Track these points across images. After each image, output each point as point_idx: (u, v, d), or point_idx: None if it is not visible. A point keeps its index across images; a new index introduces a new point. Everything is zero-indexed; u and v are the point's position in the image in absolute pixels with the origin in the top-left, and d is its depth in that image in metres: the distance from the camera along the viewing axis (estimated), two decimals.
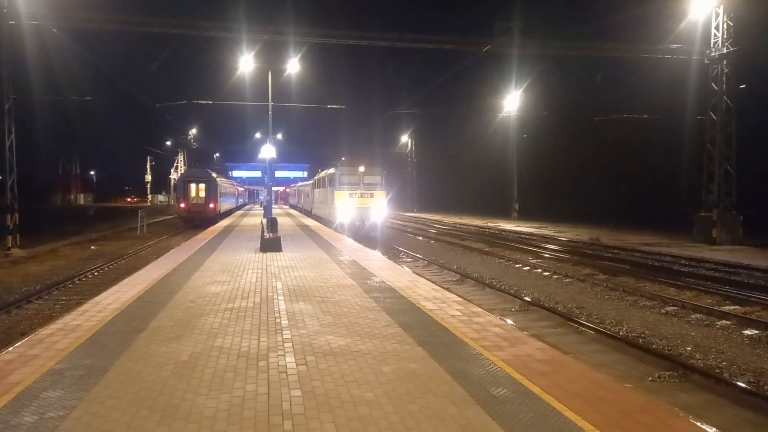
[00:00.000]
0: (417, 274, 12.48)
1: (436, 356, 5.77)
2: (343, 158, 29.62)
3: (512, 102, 44.73)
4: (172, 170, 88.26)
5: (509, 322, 7.88)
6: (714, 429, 4.19)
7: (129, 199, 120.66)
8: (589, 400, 4.57)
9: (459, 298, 8.92)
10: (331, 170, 29.69)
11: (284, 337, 6.54)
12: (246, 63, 23.93)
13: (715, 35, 25.02)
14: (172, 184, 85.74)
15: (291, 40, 25.04)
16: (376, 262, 13.69)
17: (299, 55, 24.67)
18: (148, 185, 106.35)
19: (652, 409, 4.45)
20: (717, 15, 24.77)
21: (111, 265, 19.22)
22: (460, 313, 7.76)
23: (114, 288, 9.90)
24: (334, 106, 34.69)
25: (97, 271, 17.65)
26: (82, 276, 16.50)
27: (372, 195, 27.32)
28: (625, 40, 28.89)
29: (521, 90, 43.81)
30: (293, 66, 24.49)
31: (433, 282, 11.05)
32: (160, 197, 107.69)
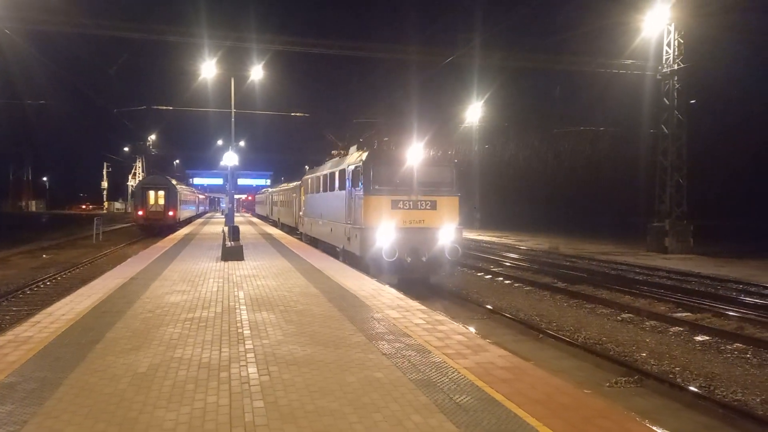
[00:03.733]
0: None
1: (400, 365, 5.78)
2: (380, 139, 15.85)
3: (474, 112, 45.42)
4: (130, 177, 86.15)
5: (472, 330, 7.97)
6: None
7: (84, 207, 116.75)
8: (549, 406, 4.66)
9: (423, 307, 8.97)
10: (351, 158, 16.31)
11: (246, 347, 6.44)
12: (208, 69, 23.62)
13: (666, 52, 26.03)
14: (129, 191, 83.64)
15: (254, 47, 24.87)
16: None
17: (263, 62, 24.52)
18: (105, 192, 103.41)
19: (610, 413, 4.57)
20: (669, 32, 25.80)
21: (65, 274, 18.56)
22: (423, 322, 7.81)
23: (68, 298, 9.57)
24: (298, 114, 34.50)
25: (50, 281, 17.01)
26: (33, 286, 15.88)
27: (435, 204, 14.45)
28: (584, 53, 29.76)
29: (483, 101, 44.54)
30: (257, 73, 24.31)
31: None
32: (117, 204, 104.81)
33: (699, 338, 10.27)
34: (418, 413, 4.51)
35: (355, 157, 15.76)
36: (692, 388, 7.58)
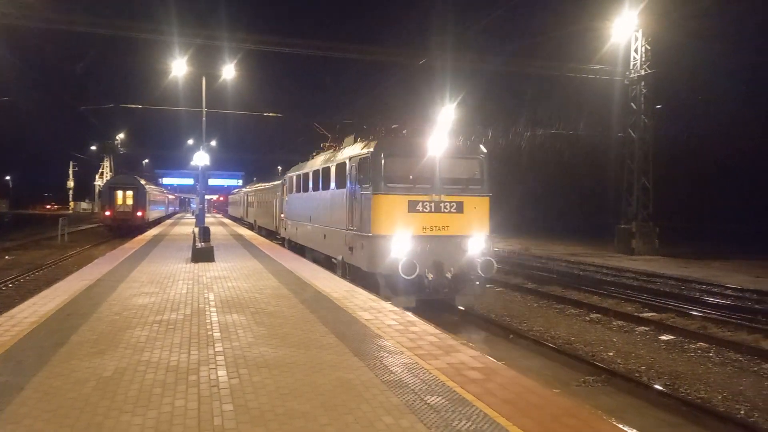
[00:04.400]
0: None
1: (372, 366, 5.78)
2: (390, 125, 13.70)
3: (447, 115, 45.68)
4: (98, 176, 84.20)
5: (444, 330, 8.00)
6: (635, 430, 4.41)
7: (49, 207, 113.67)
8: (519, 406, 4.72)
9: (395, 308, 8.98)
10: (352, 149, 13.70)
11: (216, 349, 6.36)
12: (178, 67, 23.25)
13: (634, 58, 26.64)
14: (97, 191, 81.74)
15: (226, 46, 24.56)
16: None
17: (235, 61, 24.24)
18: (71, 192, 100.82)
19: (577, 412, 4.65)
20: (636, 39, 26.41)
21: (28, 275, 18.04)
22: (396, 323, 7.82)
23: (31, 300, 9.30)
24: (270, 114, 34.20)
25: (12, 283, 16.51)
26: None
27: (461, 207, 11.96)
28: (555, 58, 30.23)
29: (455, 103, 44.83)
30: (229, 72, 24.03)
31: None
32: (84, 205, 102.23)
33: (664, 337, 10.53)
34: (390, 414, 4.51)
35: (358, 148, 12.97)
36: (657, 387, 7.75)
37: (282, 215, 23.54)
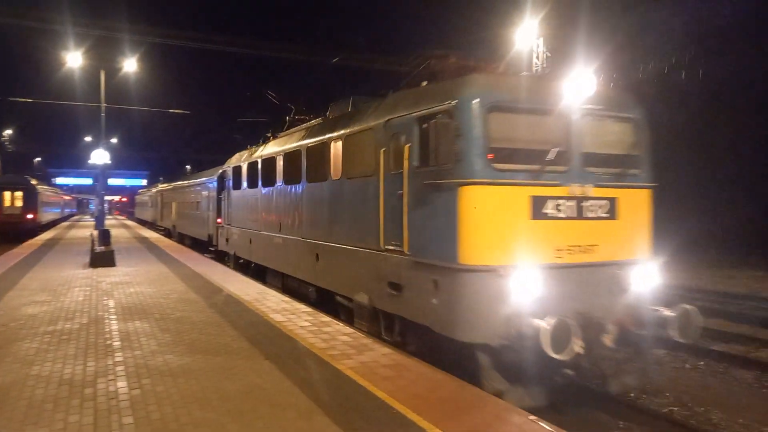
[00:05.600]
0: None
1: (284, 369, 5.67)
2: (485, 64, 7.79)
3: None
4: None
5: (358, 329, 8.01)
6: (544, 422, 4.61)
7: None
8: (429, 400, 4.81)
9: (309, 309, 8.88)
10: (404, 99, 7.37)
11: (116, 359, 5.98)
12: (74, 59, 21.70)
13: (536, 64, 28.07)
14: None
15: (127, 38, 23.26)
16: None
17: (137, 55, 22.97)
18: None
19: (485, 403, 4.81)
20: (538, 46, 27.87)
21: None
22: (309, 324, 7.73)
23: None
24: (177, 111, 32.70)
25: None
26: None
27: (613, 207, 6.42)
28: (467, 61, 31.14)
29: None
30: (130, 65, 22.74)
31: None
32: None
33: None
34: (302, 417, 4.44)
35: (415, 100, 6.98)
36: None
37: (221, 220, 17.34)
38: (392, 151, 7.09)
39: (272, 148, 12.62)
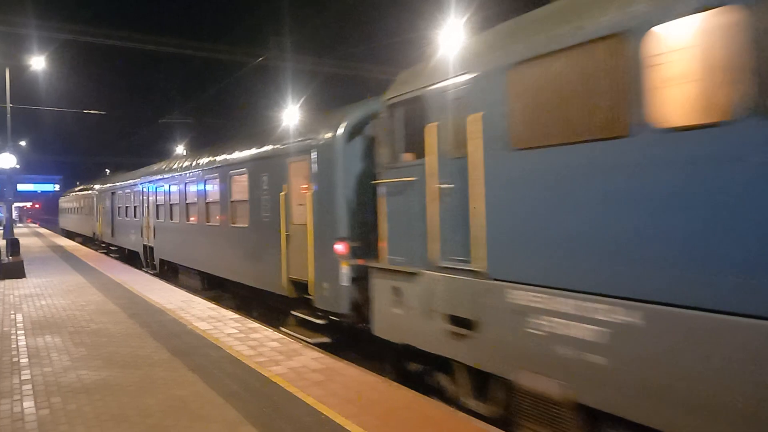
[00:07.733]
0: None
1: (209, 380, 5.45)
2: None
3: (291, 116, 45.27)
4: None
5: (288, 334, 7.85)
6: (473, 418, 4.67)
7: None
8: (359, 404, 4.75)
9: (236, 315, 8.62)
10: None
11: (23, 378, 5.55)
12: None
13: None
14: None
15: (35, 35, 21.74)
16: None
17: (47, 53, 21.53)
18: None
19: (416, 405, 4.81)
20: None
21: None
22: (236, 331, 7.50)
23: None
24: (92, 112, 30.94)
25: None
26: None
27: None
28: (392, 63, 31.43)
29: (299, 105, 44.61)
30: (38, 63, 21.30)
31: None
32: None
33: None
34: (228, 428, 4.27)
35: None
36: None
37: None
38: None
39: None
